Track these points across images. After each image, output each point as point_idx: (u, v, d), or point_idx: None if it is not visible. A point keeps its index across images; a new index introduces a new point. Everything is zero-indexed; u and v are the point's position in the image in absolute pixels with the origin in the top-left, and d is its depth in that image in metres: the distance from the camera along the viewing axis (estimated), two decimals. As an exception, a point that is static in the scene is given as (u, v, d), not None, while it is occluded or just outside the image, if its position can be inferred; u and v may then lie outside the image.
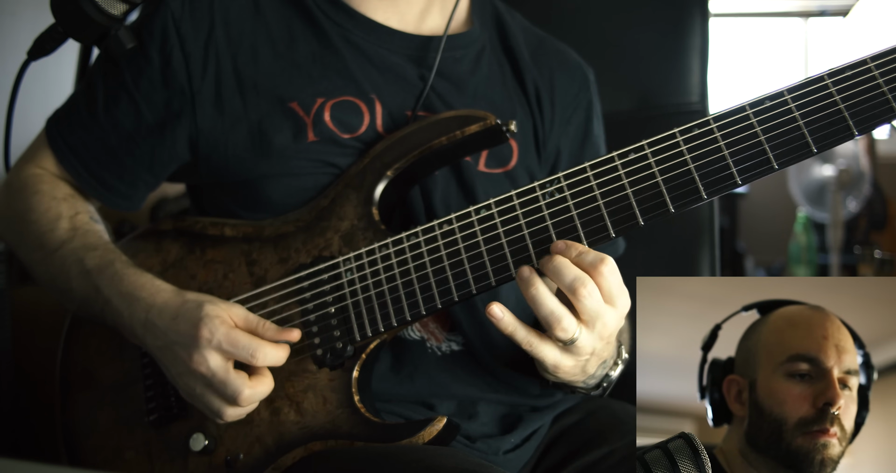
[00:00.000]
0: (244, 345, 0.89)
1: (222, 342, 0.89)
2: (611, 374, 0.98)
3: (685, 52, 1.46)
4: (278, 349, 0.91)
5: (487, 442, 1.01)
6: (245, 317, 0.92)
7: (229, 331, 0.89)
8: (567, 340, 0.85)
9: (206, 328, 0.89)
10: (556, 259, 0.84)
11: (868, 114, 0.83)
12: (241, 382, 0.89)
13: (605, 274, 0.84)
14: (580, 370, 0.91)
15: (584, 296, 0.83)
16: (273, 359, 0.90)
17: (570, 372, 0.91)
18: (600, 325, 0.85)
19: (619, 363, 0.98)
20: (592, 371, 0.93)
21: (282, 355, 0.91)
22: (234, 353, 0.89)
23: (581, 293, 0.83)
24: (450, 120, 1.00)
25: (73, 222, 1.05)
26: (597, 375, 0.95)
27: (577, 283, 0.83)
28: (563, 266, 0.84)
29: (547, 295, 0.84)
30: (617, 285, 0.85)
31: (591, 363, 0.91)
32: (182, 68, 1.02)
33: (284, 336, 0.92)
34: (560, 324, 0.83)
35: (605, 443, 1.00)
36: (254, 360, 0.89)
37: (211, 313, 0.90)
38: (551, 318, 0.84)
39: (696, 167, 0.85)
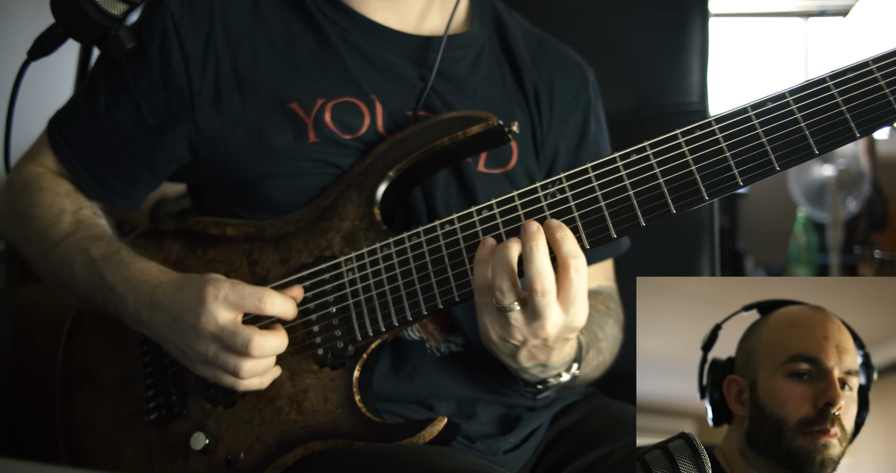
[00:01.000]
0: (250, 292, 0.89)
1: (229, 295, 0.89)
2: (550, 381, 0.96)
3: (685, 52, 1.46)
4: (285, 298, 0.92)
5: (487, 442, 1.01)
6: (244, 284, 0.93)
7: (234, 284, 0.90)
8: (501, 306, 0.84)
9: (212, 286, 0.90)
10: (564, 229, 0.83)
11: (870, 115, 0.83)
12: (249, 331, 0.89)
13: (571, 272, 0.83)
14: (507, 354, 0.90)
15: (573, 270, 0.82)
16: (281, 307, 0.91)
17: (497, 351, 0.90)
18: (540, 320, 0.84)
19: (562, 374, 0.96)
20: (525, 365, 0.91)
21: (289, 305, 0.92)
22: (241, 303, 0.89)
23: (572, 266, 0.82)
24: (452, 121, 1.00)
25: (76, 216, 1.05)
26: (531, 373, 0.94)
27: (572, 254, 0.82)
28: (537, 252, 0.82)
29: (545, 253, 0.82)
30: (576, 290, 0.83)
31: (522, 355, 0.89)
32: (182, 69, 1.02)
33: (287, 292, 0.93)
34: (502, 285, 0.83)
35: (604, 443, 1.00)
36: (261, 304, 0.89)
37: (215, 276, 0.92)
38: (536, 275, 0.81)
39: (698, 168, 0.85)
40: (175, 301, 0.92)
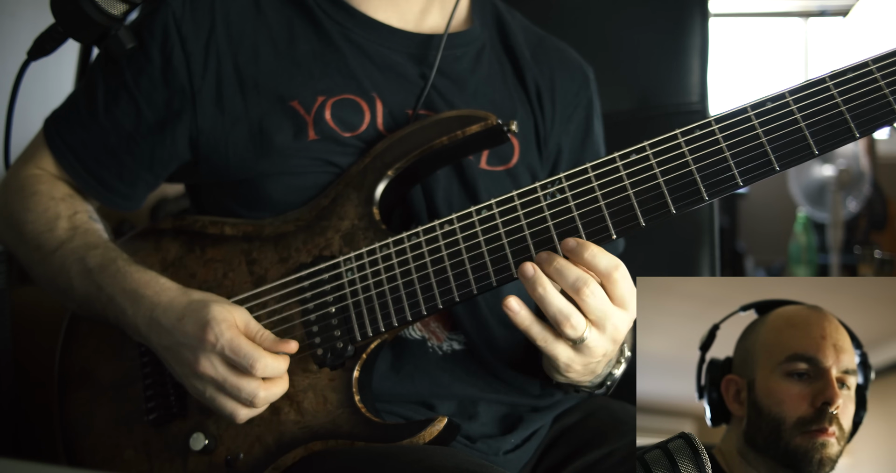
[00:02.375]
0: (245, 354, 0.88)
1: (225, 348, 0.88)
2: (614, 372, 0.98)
3: (685, 52, 1.46)
4: (277, 359, 0.91)
5: (487, 443, 1.01)
6: (246, 323, 0.92)
7: (233, 337, 0.89)
8: (577, 338, 0.85)
9: (212, 332, 0.89)
10: (557, 261, 0.84)
11: (869, 116, 0.83)
12: (254, 386, 0.89)
13: (619, 280, 0.84)
14: (590, 370, 0.91)
15: (587, 295, 0.83)
16: (272, 371, 0.90)
17: (580, 372, 0.91)
18: (611, 327, 0.86)
19: (622, 361, 0.99)
20: (600, 371, 0.94)
21: (281, 366, 0.91)
22: (235, 361, 0.89)
23: (584, 293, 0.83)
24: (451, 120, 1.00)
25: (72, 221, 1.04)
26: (602, 374, 0.96)
27: (579, 283, 0.83)
28: (565, 267, 0.84)
29: (554, 293, 0.84)
30: (629, 292, 0.85)
31: (602, 364, 0.92)
32: (183, 67, 1.02)
33: (282, 347, 0.91)
34: (569, 321, 0.84)
35: (605, 443, 1.00)
36: (253, 371, 0.89)
37: (217, 316, 0.89)
38: (560, 316, 0.84)
39: (698, 168, 0.85)
40: (175, 329, 0.91)
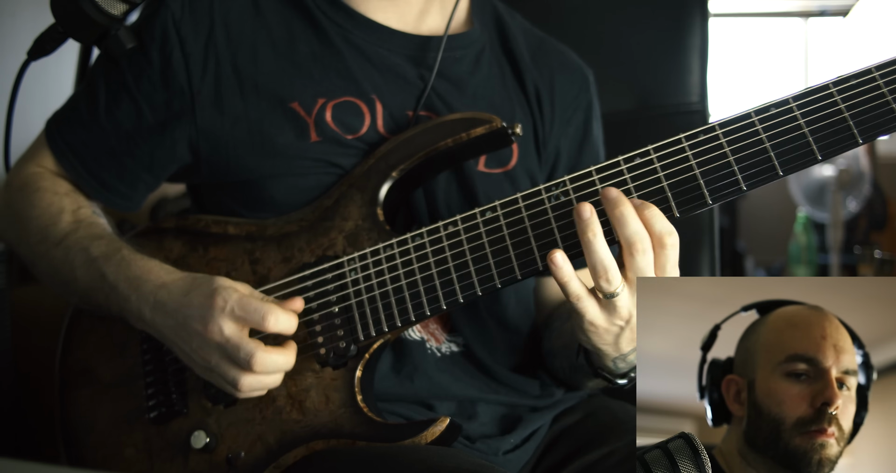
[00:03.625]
0: (255, 308, 0.88)
1: (235, 308, 0.88)
2: None
3: (685, 52, 1.46)
4: (288, 314, 0.91)
5: (487, 443, 1.01)
6: (251, 291, 0.93)
7: (241, 297, 0.89)
8: (609, 292, 0.84)
9: (220, 296, 0.89)
10: (625, 205, 0.83)
11: (872, 123, 0.84)
12: (253, 345, 0.88)
13: (669, 246, 0.83)
14: (613, 337, 0.89)
15: (638, 251, 0.83)
16: (284, 324, 0.90)
17: (603, 336, 0.89)
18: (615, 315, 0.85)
19: None
20: (625, 350, 0.91)
21: (291, 321, 0.91)
22: (246, 318, 0.88)
23: (637, 248, 0.83)
24: (455, 122, 1.00)
25: (76, 215, 1.05)
26: (628, 359, 0.94)
27: (636, 237, 0.82)
28: (630, 216, 0.83)
29: (602, 242, 0.83)
30: (672, 260, 0.84)
31: (625, 337, 0.89)
32: (182, 69, 1.02)
33: (288, 305, 0.92)
34: (607, 274, 0.83)
35: (605, 443, 1.00)
36: (265, 322, 0.88)
37: (224, 283, 0.90)
38: (600, 266, 0.83)
39: (702, 173, 0.86)
40: (181, 305, 0.91)
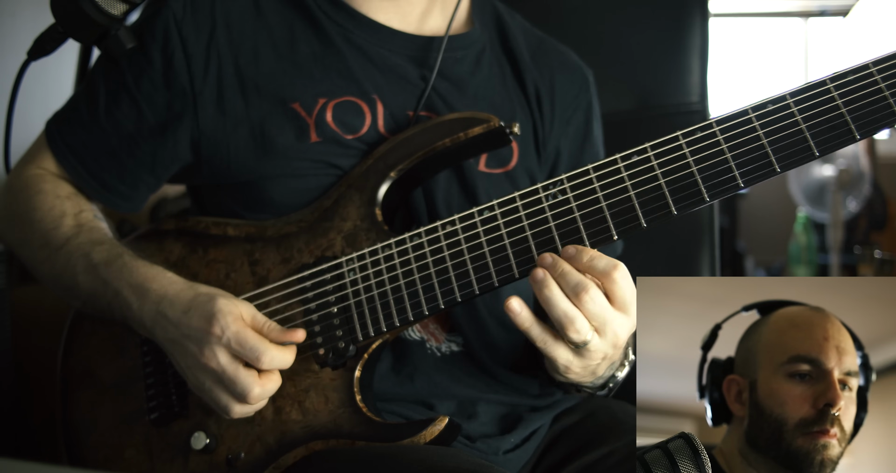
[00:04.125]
0: (251, 347, 0.88)
1: (231, 341, 0.89)
2: (617, 375, 0.99)
3: (685, 52, 1.46)
4: (284, 351, 0.91)
5: (487, 442, 1.01)
6: (252, 316, 0.92)
7: (240, 329, 0.89)
8: (579, 342, 0.85)
9: (218, 324, 0.89)
10: (561, 265, 0.85)
11: (870, 118, 0.83)
12: (250, 380, 0.89)
13: (618, 280, 0.84)
14: (590, 372, 0.92)
15: (587, 301, 0.84)
16: (279, 362, 0.90)
17: (580, 374, 0.91)
18: (611, 332, 0.86)
19: (625, 364, 0.99)
20: (601, 373, 0.94)
21: (288, 358, 0.91)
22: (241, 353, 0.89)
23: (584, 298, 0.84)
24: (453, 122, 1.00)
25: (77, 219, 1.05)
26: (604, 375, 0.96)
27: (580, 288, 0.84)
28: (568, 272, 0.85)
29: (561, 296, 0.84)
30: (629, 292, 0.85)
31: (603, 366, 0.92)
32: (184, 69, 1.02)
33: (289, 337, 0.91)
34: (573, 325, 0.84)
35: (604, 443, 1.00)
36: (259, 364, 0.89)
37: (224, 309, 0.90)
38: (564, 319, 0.84)
39: (699, 170, 0.86)
40: (181, 322, 0.91)
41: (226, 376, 0.89)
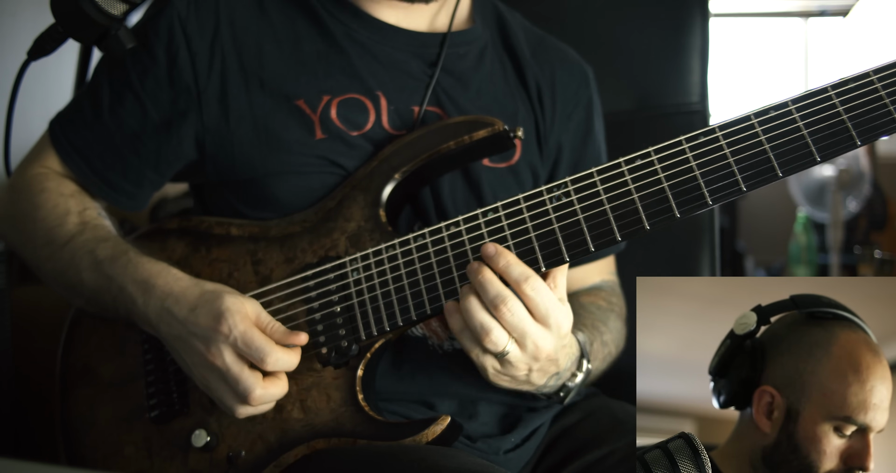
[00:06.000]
0: (257, 347, 0.89)
1: (238, 341, 0.89)
2: (568, 384, 0.98)
3: (685, 52, 1.46)
4: (289, 354, 0.91)
5: (488, 442, 1.01)
6: (258, 314, 0.92)
7: (247, 329, 0.89)
8: (497, 352, 0.86)
9: (226, 323, 0.89)
10: (483, 275, 0.86)
11: (870, 125, 0.84)
12: (252, 381, 0.89)
13: (528, 292, 0.85)
14: (522, 382, 0.92)
15: (504, 312, 0.85)
16: (284, 364, 0.90)
17: (510, 383, 0.92)
18: (531, 345, 0.86)
19: (577, 373, 0.98)
20: (541, 383, 0.93)
21: (293, 360, 0.91)
22: (247, 353, 0.89)
23: (501, 310, 0.85)
24: (458, 125, 1.01)
25: (81, 216, 1.05)
26: (549, 385, 0.96)
27: (497, 300, 0.85)
28: (487, 282, 0.85)
29: (477, 307, 0.85)
30: (544, 304, 0.86)
31: (534, 377, 0.92)
32: (188, 67, 1.03)
33: (292, 340, 0.91)
34: (489, 336, 0.85)
35: (604, 443, 1.00)
36: (263, 365, 0.89)
37: (231, 307, 0.90)
38: (480, 330, 0.85)
39: (702, 174, 0.86)
40: (187, 320, 0.91)
41: (230, 375, 0.89)
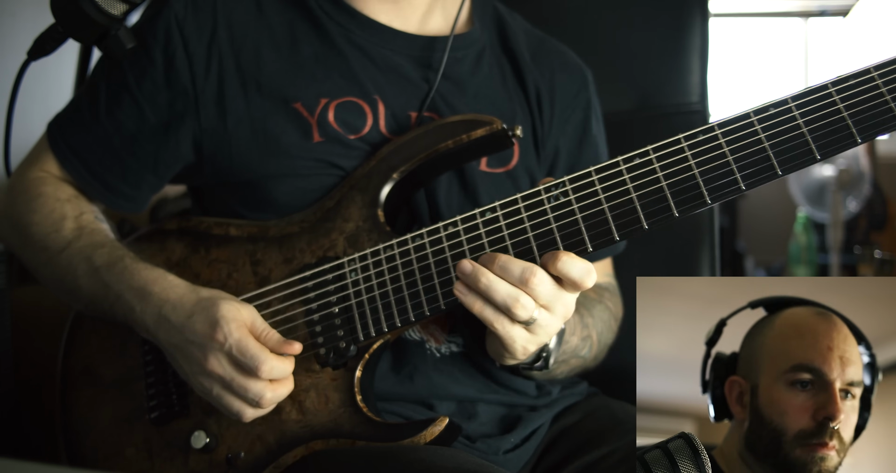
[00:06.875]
0: (251, 356, 0.88)
1: (233, 349, 0.89)
2: (543, 354, 0.98)
3: (685, 52, 1.46)
4: (283, 362, 0.91)
5: (487, 442, 1.01)
6: (253, 321, 0.92)
7: (241, 337, 0.89)
8: (527, 318, 0.86)
9: (222, 331, 0.89)
10: (500, 258, 0.86)
11: (871, 122, 0.83)
12: (261, 386, 0.89)
13: (534, 286, 0.85)
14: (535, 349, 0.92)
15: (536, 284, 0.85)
16: (277, 373, 0.90)
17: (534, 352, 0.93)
18: (561, 307, 0.88)
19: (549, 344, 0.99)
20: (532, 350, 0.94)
21: (286, 368, 0.91)
22: (241, 361, 0.89)
23: (533, 282, 0.85)
24: (456, 124, 1.00)
25: (78, 221, 1.05)
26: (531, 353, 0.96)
27: (527, 273, 0.85)
28: (509, 262, 0.86)
29: (498, 280, 0.85)
30: (546, 296, 0.86)
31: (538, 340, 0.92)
32: (185, 69, 1.02)
33: (286, 349, 0.91)
34: (518, 302, 0.85)
35: (604, 443, 1.00)
36: (258, 373, 0.89)
37: (227, 315, 0.90)
38: (509, 299, 0.85)
39: (701, 173, 0.86)
40: (184, 327, 0.91)
41: (235, 383, 0.89)
